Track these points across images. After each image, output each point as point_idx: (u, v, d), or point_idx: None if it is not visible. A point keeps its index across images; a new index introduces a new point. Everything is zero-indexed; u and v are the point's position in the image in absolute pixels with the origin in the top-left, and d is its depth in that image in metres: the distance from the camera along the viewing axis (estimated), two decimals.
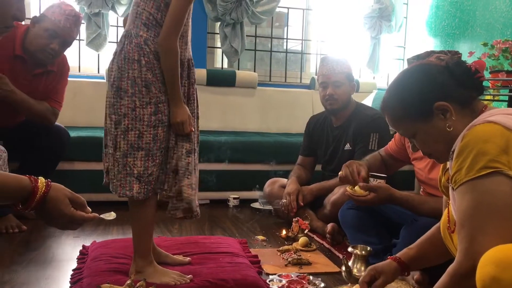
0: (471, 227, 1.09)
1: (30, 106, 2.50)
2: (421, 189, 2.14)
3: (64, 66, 2.71)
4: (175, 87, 1.70)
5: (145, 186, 1.72)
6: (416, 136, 1.31)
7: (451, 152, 1.19)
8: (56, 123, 2.75)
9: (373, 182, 2.02)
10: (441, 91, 1.25)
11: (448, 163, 1.25)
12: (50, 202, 1.07)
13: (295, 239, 2.40)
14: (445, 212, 1.37)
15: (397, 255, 1.49)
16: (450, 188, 1.23)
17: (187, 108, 1.73)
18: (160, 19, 1.69)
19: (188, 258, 1.96)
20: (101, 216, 1.21)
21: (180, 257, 1.96)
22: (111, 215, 1.24)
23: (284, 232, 2.47)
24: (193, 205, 1.77)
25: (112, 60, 1.75)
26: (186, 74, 1.78)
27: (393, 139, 2.26)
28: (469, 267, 1.07)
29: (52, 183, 1.09)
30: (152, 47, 1.69)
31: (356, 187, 1.98)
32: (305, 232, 2.42)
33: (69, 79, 3.61)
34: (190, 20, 1.78)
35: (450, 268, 1.15)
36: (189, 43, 1.80)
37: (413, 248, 1.49)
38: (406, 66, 4.35)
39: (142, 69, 1.68)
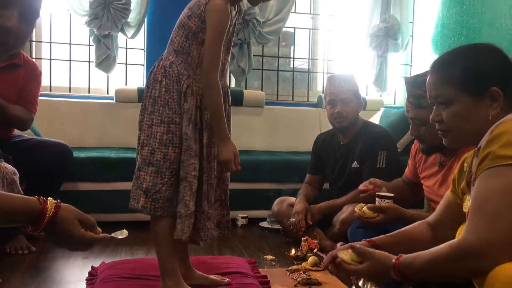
0: (489, 210, 1.03)
1: (5, 108, 2.49)
2: (431, 207, 2.13)
3: (35, 70, 2.67)
4: (219, 122, 1.73)
5: (152, 203, 1.75)
6: (451, 106, 1.26)
7: (476, 149, 1.17)
8: (59, 140, 2.75)
9: (381, 202, 2.01)
10: (505, 79, 1.22)
11: (471, 163, 1.22)
12: (60, 223, 1.06)
13: (304, 258, 2.38)
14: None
15: (374, 238, 1.46)
16: (472, 186, 1.19)
17: (233, 144, 1.76)
18: (188, 48, 1.74)
19: (227, 279, 1.95)
20: (113, 235, 1.21)
21: (218, 278, 1.96)
22: (123, 233, 1.23)
23: (293, 251, 2.46)
24: (178, 231, 1.73)
25: None
26: None
27: (407, 167, 2.27)
28: (475, 248, 1.02)
29: (61, 204, 1.09)
30: (176, 70, 1.75)
31: (365, 208, 1.98)
32: (315, 251, 2.41)
33: (78, 100, 3.71)
34: (225, 50, 1.79)
35: (453, 242, 1.10)
36: (220, 74, 1.79)
37: (391, 236, 1.46)
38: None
39: (162, 89, 1.75)
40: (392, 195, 2.04)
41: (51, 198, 1.09)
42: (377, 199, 2.04)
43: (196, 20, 1.70)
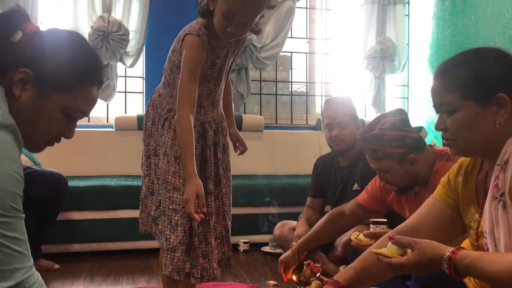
0: None
1: None
2: None
3: None
4: (185, 159, 1.63)
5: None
6: (455, 113, 1.18)
7: (502, 162, 1.12)
8: (54, 170, 2.75)
9: (376, 228, 1.98)
10: None
11: (484, 175, 1.20)
12: None
13: (307, 283, 2.34)
14: (471, 235, 1.29)
15: (335, 277, 1.38)
16: (491, 201, 1.15)
17: (197, 184, 1.60)
18: (173, 81, 1.74)
19: None
20: None
21: None
22: None
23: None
24: (163, 266, 1.70)
25: None
26: (201, 136, 1.76)
27: (364, 191, 2.20)
28: None
29: None
30: (161, 103, 1.76)
31: (360, 236, 1.94)
32: (317, 275, 2.37)
33: (78, 129, 3.71)
34: (210, 84, 1.76)
35: None
36: (209, 107, 1.78)
37: (353, 268, 1.37)
38: (414, 100, 4.38)
39: (149, 122, 1.78)
40: (386, 220, 2.00)
41: None
42: (371, 225, 2.01)
43: (177, 55, 1.70)
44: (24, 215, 0.91)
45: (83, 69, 1.05)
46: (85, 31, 3.58)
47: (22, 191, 0.91)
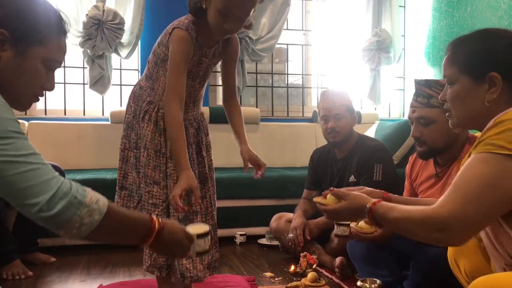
0: (467, 192, 1.06)
1: None
2: None
3: None
4: (177, 153, 1.61)
5: None
6: (454, 85, 1.26)
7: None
8: (51, 162, 2.74)
9: (339, 227, 2.02)
10: (508, 67, 1.19)
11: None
12: (166, 234, 1.17)
13: (303, 274, 2.36)
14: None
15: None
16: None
17: (190, 176, 1.57)
18: (156, 73, 1.72)
19: None
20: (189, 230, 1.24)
21: None
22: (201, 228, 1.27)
23: (292, 267, 2.44)
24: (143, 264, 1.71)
25: None
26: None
27: (405, 189, 2.26)
28: (444, 222, 1.06)
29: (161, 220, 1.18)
30: (142, 96, 1.74)
31: (361, 223, 1.91)
32: (314, 267, 2.39)
33: (73, 122, 3.71)
34: (195, 83, 1.75)
35: (427, 210, 1.11)
36: (190, 105, 1.77)
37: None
38: (410, 92, 4.39)
39: (131, 115, 1.75)
40: (349, 223, 1.99)
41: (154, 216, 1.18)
42: (335, 226, 2.06)
43: (163, 48, 1.69)
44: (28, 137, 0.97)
45: (52, 21, 1.13)
46: (80, 20, 3.55)
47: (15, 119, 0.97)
